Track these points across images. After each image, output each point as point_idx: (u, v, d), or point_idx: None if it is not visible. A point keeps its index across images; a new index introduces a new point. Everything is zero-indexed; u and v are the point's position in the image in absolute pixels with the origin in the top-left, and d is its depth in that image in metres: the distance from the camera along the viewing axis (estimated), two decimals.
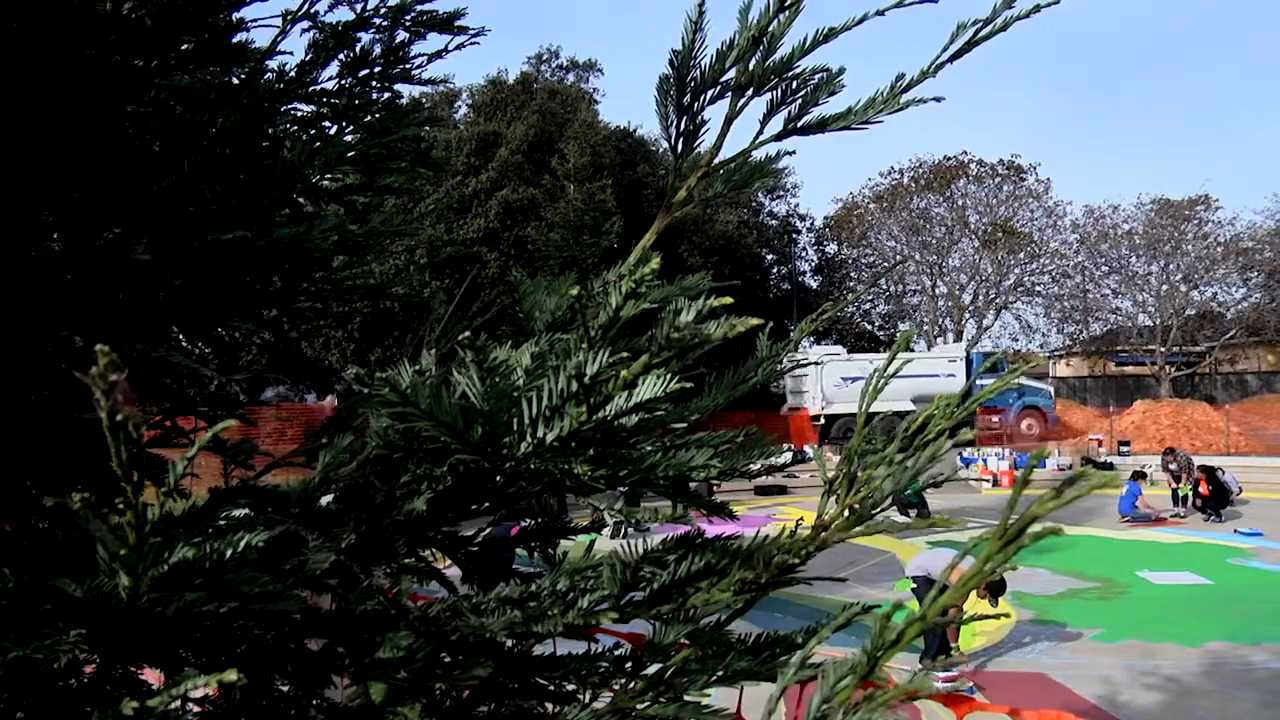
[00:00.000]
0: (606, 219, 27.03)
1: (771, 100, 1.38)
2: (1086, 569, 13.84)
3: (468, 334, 0.84)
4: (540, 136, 33.70)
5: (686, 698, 1.18)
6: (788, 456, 1.80)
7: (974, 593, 0.83)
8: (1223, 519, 18.82)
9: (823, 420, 33.66)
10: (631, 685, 1.18)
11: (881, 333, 47.56)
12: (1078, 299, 45.88)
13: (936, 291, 47.58)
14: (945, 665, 8.63)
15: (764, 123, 1.39)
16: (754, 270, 42.61)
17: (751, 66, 1.33)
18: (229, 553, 1.03)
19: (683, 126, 1.36)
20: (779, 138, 1.39)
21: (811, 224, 50.18)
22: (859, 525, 0.99)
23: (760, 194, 44.26)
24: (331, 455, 1.31)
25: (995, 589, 9.79)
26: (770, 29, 1.31)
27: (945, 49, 1.36)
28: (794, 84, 1.36)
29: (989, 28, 1.34)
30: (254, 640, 1.21)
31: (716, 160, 1.38)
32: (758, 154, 1.43)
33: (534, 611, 1.08)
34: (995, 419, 34.79)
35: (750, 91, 1.36)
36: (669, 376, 0.90)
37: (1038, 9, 1.36)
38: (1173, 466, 20.68)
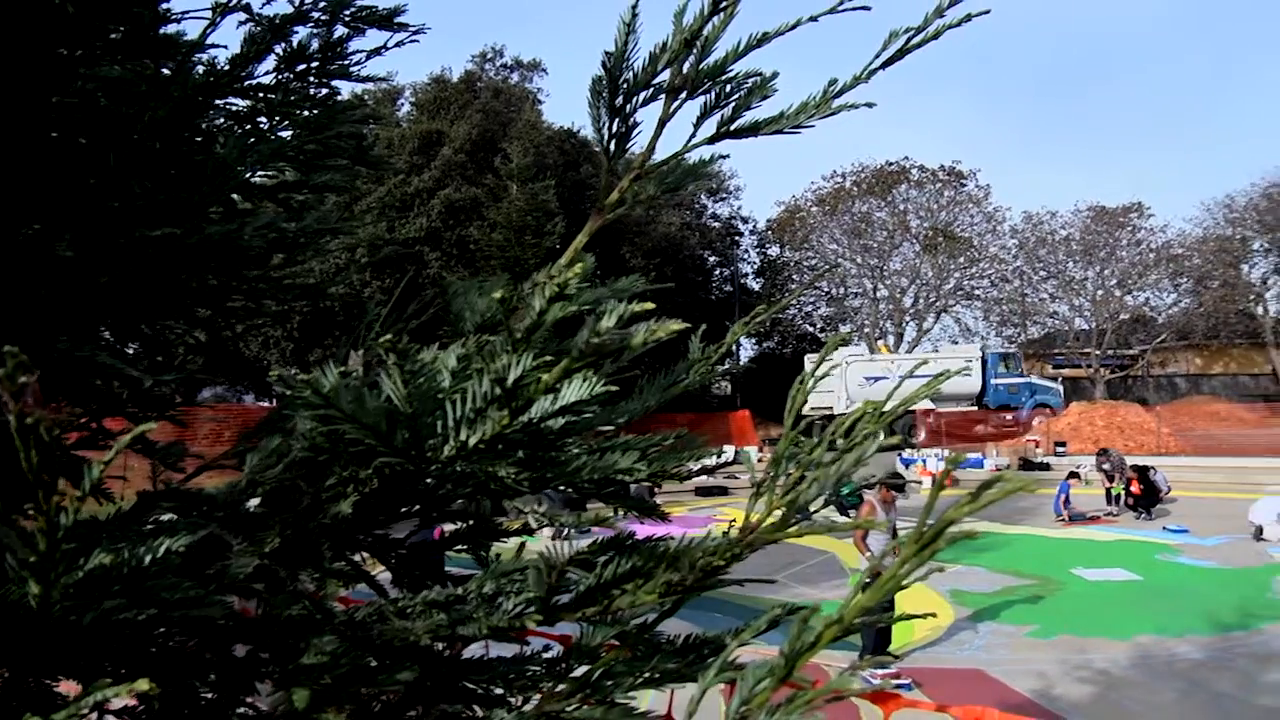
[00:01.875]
0: (549, 219, 26.95)
1: (705, 103, 1.38)
2: (1023, 567, 14.14)
3: (388, 337, 0.84)
4: (483, 136, 33.49)
5: (617, 699, 1.18)
6: (728, 455, 1.80)
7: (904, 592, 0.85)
8: (1153, 517, 19.34)
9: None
10: (559, 688, 1.17)
11: (823, 335, 48.04)
12: (1016, 303, 46.86)
13: (878, 294, 48.23)
14: (875, 663, 8.72)
15: (697, 125, 1.39)
16: (696, 272, 42.81)
17: (685, 69, 1.34)
18: (149, 558, 1.00)
19: (615, 128, 1.36)
20: (712, 140, 1.40)
21: (754, 226, 50.64)
22: (785, 527, 1.00)
23: (703, 196, 44.51)
24: (258, 458, 1.29)
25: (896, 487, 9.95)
26: (704, 32, 1.31)
27: (878, 55, 1.38)
28: (728, 87, 1.37)
29: (920, 36, 1.36)
30: (177, 647, 1.19)
31: (650, 162, 1.38)
32: (692, 156, 1.44)
33: (459, 615, 1.07)
34: (1009, 416, 35.32)
35: (684, 94, 1.36)
36: (595, 379, 0.90)
37: (969, 18, 1.38)
38: (1106, 466, 21.18)
